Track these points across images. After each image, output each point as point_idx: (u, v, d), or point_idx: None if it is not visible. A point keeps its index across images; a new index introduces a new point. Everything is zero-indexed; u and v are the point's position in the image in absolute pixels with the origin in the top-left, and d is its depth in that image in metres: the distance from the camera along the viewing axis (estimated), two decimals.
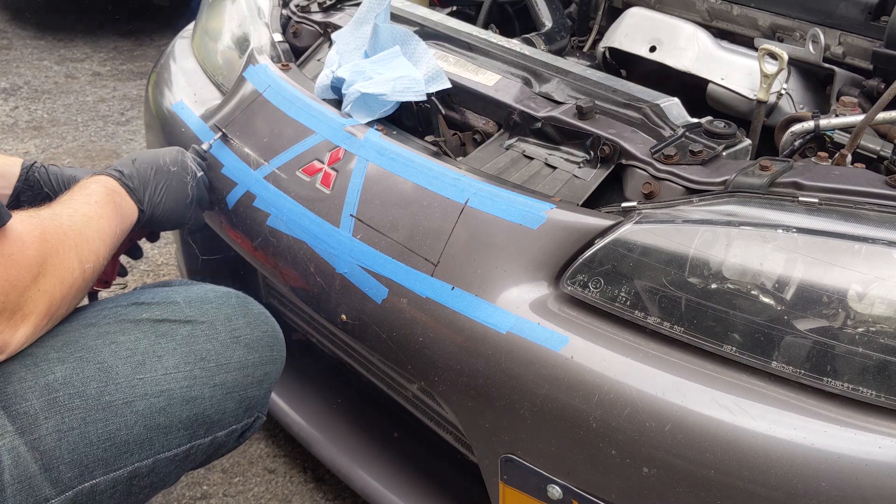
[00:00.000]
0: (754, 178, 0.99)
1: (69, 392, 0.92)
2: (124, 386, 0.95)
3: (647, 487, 0.91)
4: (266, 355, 1.11)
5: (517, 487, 1.04)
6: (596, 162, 1.15)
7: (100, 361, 0.96)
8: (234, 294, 1.14)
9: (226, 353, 1.06)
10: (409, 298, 1.08)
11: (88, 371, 0.95)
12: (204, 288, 1.14)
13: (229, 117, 1.41)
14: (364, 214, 1.16)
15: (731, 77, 1.52)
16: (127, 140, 3.08)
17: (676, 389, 0.89)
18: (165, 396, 0.98)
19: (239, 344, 1.08)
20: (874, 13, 1.43)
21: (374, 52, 1.33)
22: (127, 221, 1.13)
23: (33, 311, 0.90)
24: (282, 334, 1.17)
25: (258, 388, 1.10)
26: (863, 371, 0.85)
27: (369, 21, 1.36)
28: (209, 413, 1.03)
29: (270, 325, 1.15)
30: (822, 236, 0.90)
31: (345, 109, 1.28)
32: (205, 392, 1.02)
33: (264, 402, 1.13)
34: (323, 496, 1.61)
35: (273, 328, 1.15)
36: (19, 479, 0.87)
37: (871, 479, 0.81)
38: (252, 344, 1.09)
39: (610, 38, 1.75)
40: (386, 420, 1.48)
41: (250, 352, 1.09)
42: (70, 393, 0.92)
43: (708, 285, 0.93)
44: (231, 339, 1.07)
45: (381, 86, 1.25)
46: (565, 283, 1.00)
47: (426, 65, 1.28)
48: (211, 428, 1.04)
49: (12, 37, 4.11)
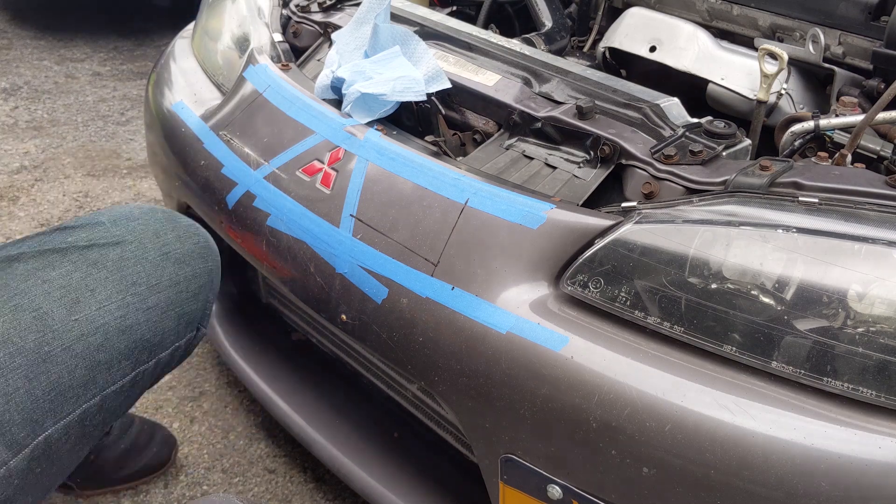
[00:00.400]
0: (754, 178, 0.99)
1: (9, 351, 0.89)
2: (61, 331, 0.93)
3: (647, 487, 0.91)
4: (200, 267, 1.09)
5: (517, 487, 1.04)
6: (596, 162, 1.15)
7: (34, 308, 0.93)
8: (160, 210, 1.10)
9: (156, 272, 1.03)
10: (409, 298, 1.08)
11: (25, 321, 0.91)
12: (129, 206, 1.10)
13: (229, 117, 1.41)
14: (364, 214, 1.16)
15: (731, 77, 1.52)
16: (127, 140, 3.08)
17: (676, 389, 0.89)
18: (102, 332, 0.96)
19: (169, 260, 1.05)
20: (874, 13, 1.43)
21: (374, 52, 1.33)
22: None
23: None
24: (214, 243, 1.14)
25: (195, 302, 1.07)
26: (863, 371, 0.85)
27: (369, 21, 1.36)
28: (148, 337, 1.00)
29: (201, 236, 1.12)
30: (822, 236, 0.90)
31: (345, 109, 1.28)
32: (139, 318, 0.99)
33: (204, 314, 1.11)
34: (323, 496, 1.61)
35: (204, 238, 1.12)
36: None
37: (872, 479, 0.81)
38: (183, 258, 1.07)
39: (610, 38, 1.75)
40: (386, 420, 1.47)
41: (181, 266, 1.06)
42: (10, 352, 0.89)
43: (708, 285, 0.93)
44: (161, 257, 1.04)
45: (381, 86, 1.25)
46: (565, 283, 1.00)
47: (426, 65, 1.28)
48: (153, 351, 1.02)
49: (12, 37, 4.11)
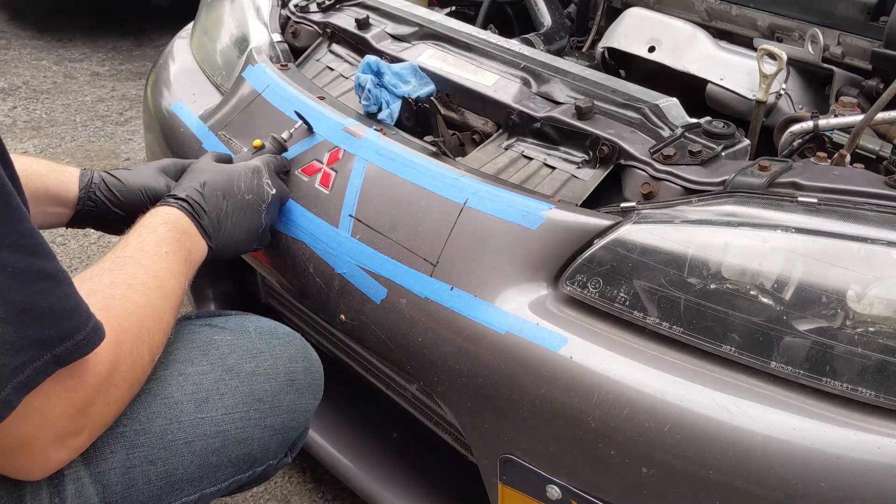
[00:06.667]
0: (753, 178, 0.99)
1: (136, 428, 0.91)
2: (187, 425, 0.95)
3: (646, 487, 0.91)
4: (311, 402, 1.13)
5: (516, 488, 1.04)
6: (595, 162, 1.15)
7: (166, 396, 0.95)
8: (299, 337, 1.14)
9: (280, 395, 1.06)
10: (408, 299, 1.08)
11: (155, 406, 0.94)
12: (274, 324, 1.13)
13: (228, 117, 1.41)
14: (363, 214, 1.16)
15: (730, 77, 1.52)
16: (126, 140, 3.08)
17: (675, 390, 0.89)
18: (221, 437, 0.98)
19: (293, 388, 1.08)
20: (873, 13, 1.43)
21: None
22: (195, 266, 1.05)
23: (100, 425, 0.84)
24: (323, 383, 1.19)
25: (296, 431, 1.11)
26: (862, 371, 0.85)
27: None
28: (255, 452, 1.04)
29: (321, 375, 1.16)
30: (821, 236, 0.90)
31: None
32: (255, 433, 1.02)
33: (296, 443, 1.16)
34: (322, 496, 1.61)
35: (321, 377, 1.16)
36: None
37: (870, 479, 0.81)
38: (303, 389, 1.10)
39: (609, 38, 1.76)
40: (385, 420, 1.47)
41: (300, 397, 1.10)
42: (136, 429, 0.91)
43: (707, 285, 0.93)
44: (287, 382, 1.08)
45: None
46: (564, 283, 1.00)
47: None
48: (253, 464, 1.05)
49: (11, 37, 4.11)
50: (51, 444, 0.79)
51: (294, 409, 1.09)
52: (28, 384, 0.73)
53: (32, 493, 0.84)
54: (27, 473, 0.81)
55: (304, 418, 1.12)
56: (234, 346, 1.05)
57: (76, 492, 0.86)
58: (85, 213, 1.14)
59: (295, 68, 1.48)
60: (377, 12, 1.55)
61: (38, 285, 0.73)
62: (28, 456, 0.78)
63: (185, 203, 1.06)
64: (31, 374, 0.73)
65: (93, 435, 0.85)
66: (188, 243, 1.03)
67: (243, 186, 1.13)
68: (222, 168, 1.15)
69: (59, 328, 0.74)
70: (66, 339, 0.75)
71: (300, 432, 1.14)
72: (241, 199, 1.12)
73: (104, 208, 1.14)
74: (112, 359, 0.82)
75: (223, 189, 1.11)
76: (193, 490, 0.98)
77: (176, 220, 1.03)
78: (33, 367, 0.73)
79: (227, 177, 1.13)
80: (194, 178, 1.11)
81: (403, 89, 1.29)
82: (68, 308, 0.75)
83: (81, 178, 1.13)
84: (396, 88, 1.29)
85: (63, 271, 0.76)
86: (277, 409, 1.06)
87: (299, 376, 1.10)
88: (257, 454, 1.04)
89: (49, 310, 0.73)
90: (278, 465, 1.13)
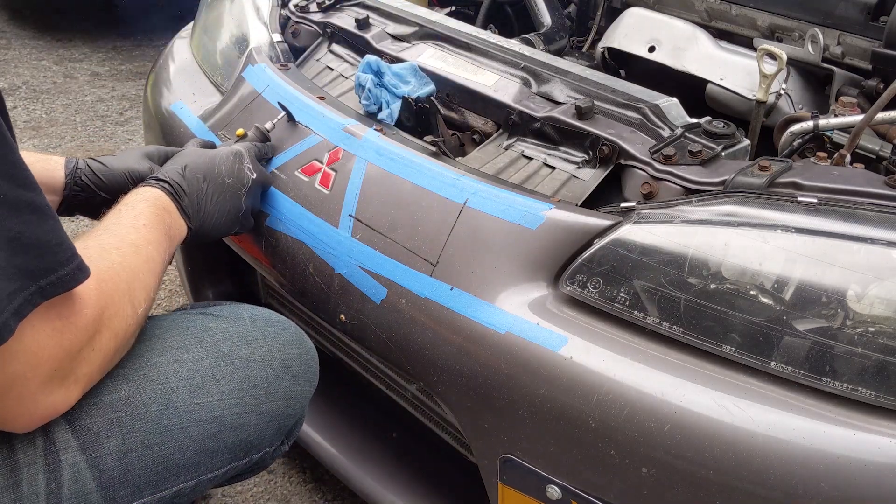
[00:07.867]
0: (753, 178, 0.99)
1: (132, 413, 0.92)
2: (182, 410, 0.96)
3: (646, 487, 0.91)
4: (307, 389, 1.14)
5: (516, 488, 1.04)
6: (595, 162, 1.15)
7: (162, 381, 0.96)
8: (294, 325, 1.15)
9: (276, 381, 1.07)
10: (408, 299, 1.08)
11: (151, 391, 0.95)
12: (269, 312, 1.15)
13: (228, 117, 1.41)
14: (363, 214, 1.16)
15: (730, 77, 1.52)
16: (125, 140, 3.08)
17: (675, 390, 0.89)
18: (217, 423, 1.00)
19: (288, 374, 1.09)
20: (873, 13, 1.43)
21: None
22: (175, 242, 1.07)
23: (87, 372, 0.86)
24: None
25: (293, 418, 1.12)
26: (862, 371, 0.85)
27: None
28: (251, 438, 1.05)
29: (315, 361, 1.17)
30: (821, 236, 0.90)
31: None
32: (251, 419, 1.04)
33: (293, 430, 1.16)
34: (322, 496, 1.61)
35: (316, 364, 1.17)
36: (76, 494, 0.87)
37: (870, 479, 0.81)
38: (298, 376, 1.11)
39: (609, 38, 1.76)
40: (385, 420, 1.47)
41: (295, 383, 1.11)
42: (132, 414, 0.92)
43: (707, 285, 0.93)
44: (282, 369, 1.09)
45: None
46: (564, 283, 1.00)
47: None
48: (249, 451, 1.06)
49: (11, 36, 4.11)
50: (39, 387, 0.80)
51: (289, 395, 1.09)
52: (20, 312, 0.74)
53: (29, 479, 0.84)
54: (14, 420, 0.82)
55: (300, 405, 1.13)
56: (230, 334, 1.05)
57: (73, 477, 0.87)
58: (73, 199, 1.16)
59: (295, 68, 1.48)
60: (377, 12, 1.55)
61: (26, 216, 0.74)
62: (17, 398, 0.79)
63: (166, 184, 1.09)
64: (21, 302, 0.74)
65: (80, 384, 0.85)
66: (168, 219, 1.05)
67: (224, 170, 1.15)
68: (204, 152, 1.18)
69: (45, 260, 0.75)
70: (51, 272, 0.76)
71: (296, 420, 1.14)
72: (221, 182, 1.14)
73: (90, 192, 1.16)
74: (96, 304, 0.84)
75: (204, 171, 1.13)
76: (191, 476, 0.98)
77: (156, 198, 1.06)
78: (22, 296, 0.74)
79: (208, 160, 1.15)
80: (176, 162, 1.14)
81: (403, 89, 1.29)
82: (54, 242, 0.77)
83: (67, 164, 1.15)
84: (396, 88, 1.29)
85: (49, 206, 0.77)
86: (273, 395, 1.06)
87: (294, 363, 1.11)
88: (253, 440, 1.05)
89: (36, 241, 0.74)
90: (275, 452, 1.13)
